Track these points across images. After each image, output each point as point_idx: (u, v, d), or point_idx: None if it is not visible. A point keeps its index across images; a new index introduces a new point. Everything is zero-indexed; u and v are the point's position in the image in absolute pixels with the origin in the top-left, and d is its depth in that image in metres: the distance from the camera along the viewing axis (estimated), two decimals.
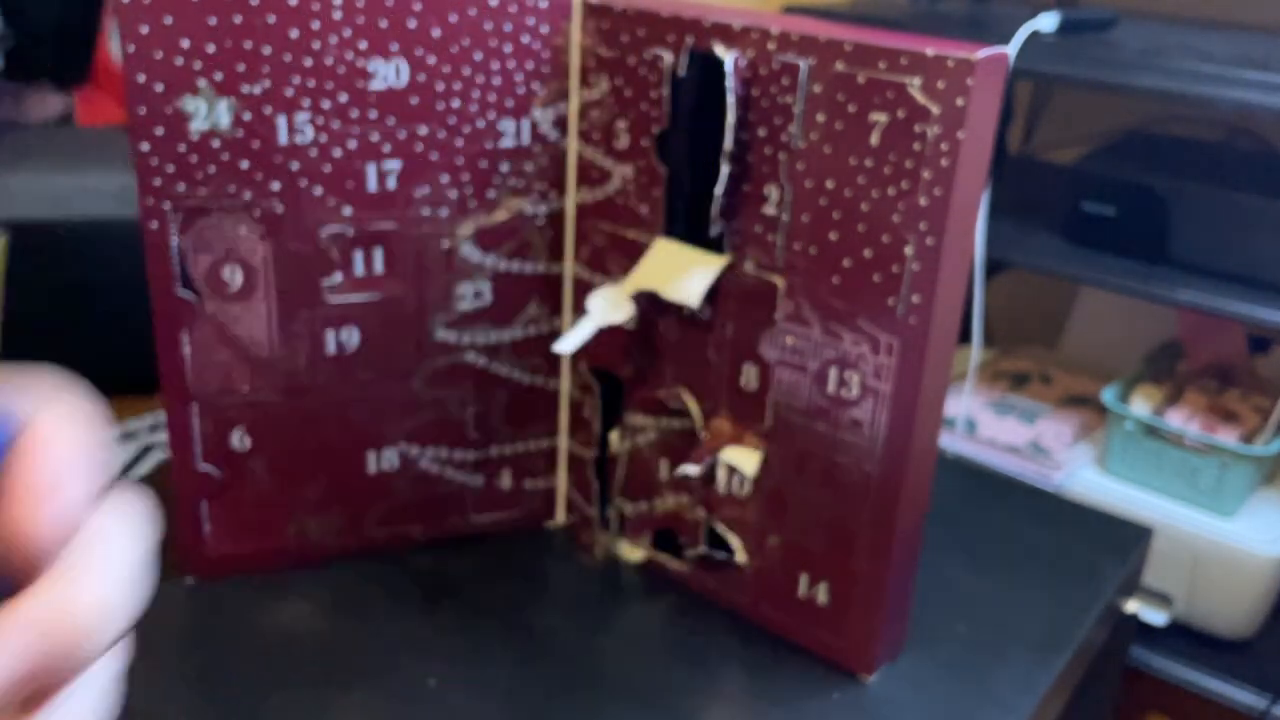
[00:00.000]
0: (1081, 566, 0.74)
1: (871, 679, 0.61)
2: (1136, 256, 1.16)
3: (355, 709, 0.58)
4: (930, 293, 0.52)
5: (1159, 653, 1.19)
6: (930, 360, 0.54)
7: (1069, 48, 1.13)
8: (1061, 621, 0.68)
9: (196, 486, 0.64)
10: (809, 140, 0.55)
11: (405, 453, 0.68)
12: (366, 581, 0.68)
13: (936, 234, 0.51)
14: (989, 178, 0.59)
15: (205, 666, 0.60)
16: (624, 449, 0.69)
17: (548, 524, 0.75)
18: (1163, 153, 1.30)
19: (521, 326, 0.68)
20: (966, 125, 0.49)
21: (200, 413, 0.62)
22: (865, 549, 0.58)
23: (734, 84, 0.56)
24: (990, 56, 0.49)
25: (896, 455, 0.56)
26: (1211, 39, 1.21)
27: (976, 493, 0.83)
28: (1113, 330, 1.50)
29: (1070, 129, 1.56)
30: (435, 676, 0.60)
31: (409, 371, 0.66)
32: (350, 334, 0.64)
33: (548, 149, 0.65)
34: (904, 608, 0.62)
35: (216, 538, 0.65)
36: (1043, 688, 0.62)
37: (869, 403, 0.56)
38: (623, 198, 0.64)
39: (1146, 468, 1.20)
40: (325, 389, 0.64)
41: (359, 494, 0.68)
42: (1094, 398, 1.37)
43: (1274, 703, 1.12)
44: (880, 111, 0.52)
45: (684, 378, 0.64)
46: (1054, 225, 1.24)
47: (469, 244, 0.65)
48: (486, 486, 0.71)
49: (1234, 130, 1.41)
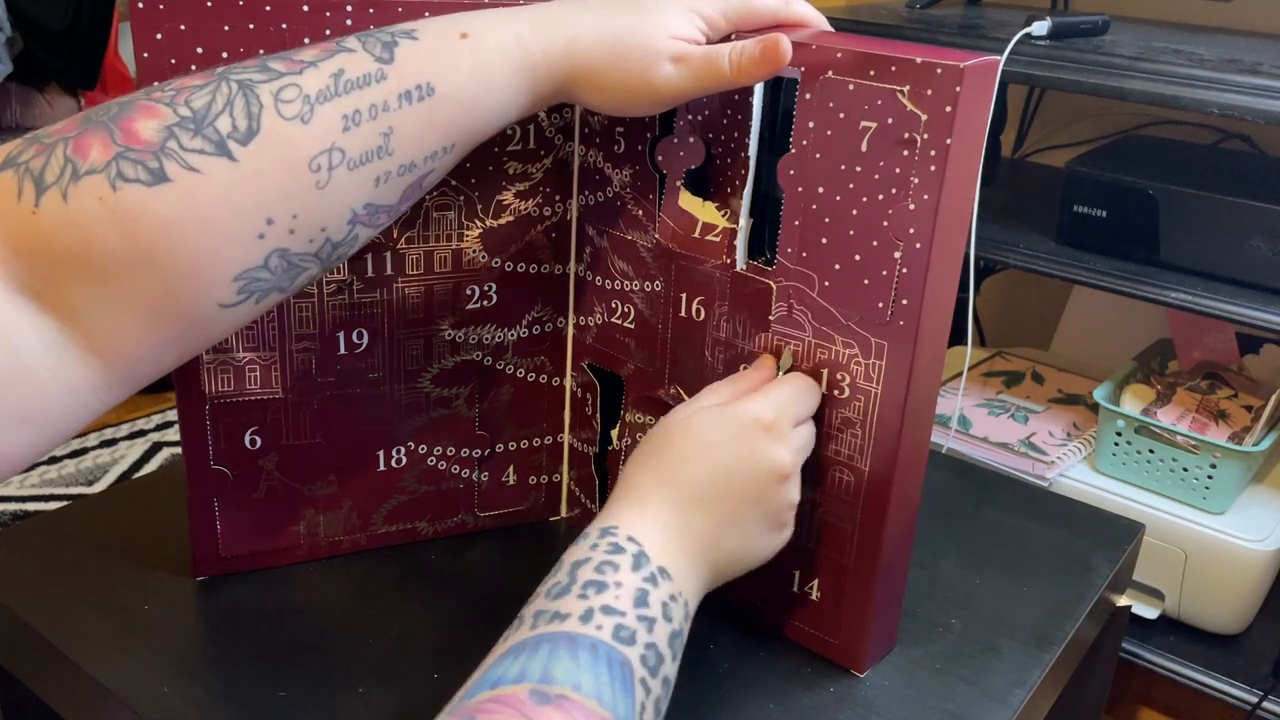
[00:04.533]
0: (1074, 562, 0.75)
1: (865, 672, 0.63)
2: (1128, 258, 1.18)
3: (363, 702, 0.59)
4: (919, 296, 0.54)
5: (1150, 648, 1.21)
6: (920, 362, 0.55)
7: (1061, 52, 1.14)
8: (1054, 616, 0.69)
9: (209, 485, 0.65)
10: (799, 146, 0.56)
11: (413, 450, 0.69)
12: (375, 577, 0.69)
13: (925, 239, 0.53)
14: (981, 181, 0.60)
15: (217, 662, 0.62)
16: (625, 446, 0.70)
17: (552, 518, 0.76)
18: (1153, 156, 1.31)
19: (526, 326, 0.70)
20: (955, 132, 0.51)
21: (212, 413, 0.64)
22: (856, 546, 0.60)
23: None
24: (979, 64, 0.51)
25: (886, 455, 0.57)
26: (1201, 43, 1.23)
27: (970, 490, 0.84)
28: (1104, 330, 1.51)
29: (1062, 132, 1.57)
30: (441, 669, 0.62)
31: (417, 371, 0.68)
32: (360, 334, 0.65)
33: (552, 153, 0.66)
34: (896, 604, 0.64)
35: (229, 535, 0.67)
36: (1035, 681, 0.63)
37: (860, 403, 0.57)
38: (621, 201, 0.65)
39: (1138, 466, 1.22)
40: (335, 389, 0.66)
41: (368, 491, 0.69)
42: (1086, 397, 1.39)
43: (1264, 698, 1.14)
44: (870, 119, 0.53)
45: (681, 377, 0.65)
46: (1046, 227, 1.25)
47: (476, 246, 0.66)
48: (492, 482, 0.73)
49: (1224, 134, 1.43)
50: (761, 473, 0.54)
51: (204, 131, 0.43)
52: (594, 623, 0.47)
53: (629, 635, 0.47)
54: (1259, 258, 1.10)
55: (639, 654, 0.47)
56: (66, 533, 0.72)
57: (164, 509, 0.74)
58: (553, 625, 0.47)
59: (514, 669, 0.45)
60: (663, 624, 0.49)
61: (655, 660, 0.47)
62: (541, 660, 0.45)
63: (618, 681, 0.45)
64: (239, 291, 0.44)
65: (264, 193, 0.43)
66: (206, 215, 0.42)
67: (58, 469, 1.73)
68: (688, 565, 0.52)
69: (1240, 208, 1.11)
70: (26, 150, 0.42)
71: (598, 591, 0.48)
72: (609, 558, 0.50)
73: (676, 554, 0.52)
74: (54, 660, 0.62)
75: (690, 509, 0.53)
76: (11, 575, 0.68)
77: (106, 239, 0.41)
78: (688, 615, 0.52)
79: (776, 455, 0.54)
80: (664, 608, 0.49)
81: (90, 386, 0.43)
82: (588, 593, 0.48)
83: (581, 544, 0.51)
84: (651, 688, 0.47)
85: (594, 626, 0.47)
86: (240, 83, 0.44)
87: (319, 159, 0.44)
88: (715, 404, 0.56)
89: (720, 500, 0.54)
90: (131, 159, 0.41)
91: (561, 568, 0.50)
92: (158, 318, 0.43)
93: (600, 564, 0.50)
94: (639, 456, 0.56)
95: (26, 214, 0.41)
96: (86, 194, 0.41)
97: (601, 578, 0.49)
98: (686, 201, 0.61)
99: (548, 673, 0.44)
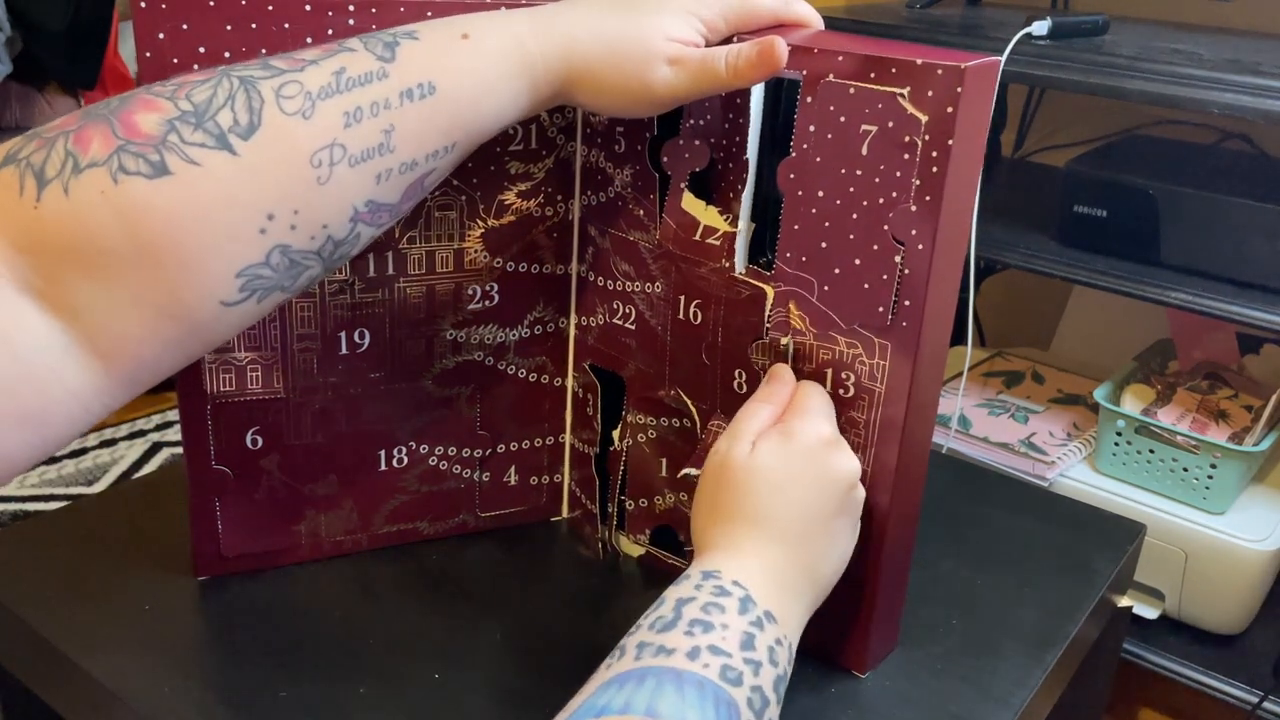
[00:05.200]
0: (1075, 563, 0.75)
1: (867, 673, 0.63)
2: (1128, 258, 1.18)
3: (365, 702, 0.59)
4: (921, 297, 0.54)
5: (1151, 648, 1.21)
6: (922, 362, 0.55)
7: (1061, 52, 1.14)
8: (1055, 617, 0.69)
9: (210, 485, 0.65)
10: (800, 150, 0.56)
11: (414, 450, 0.69)
12: (375, 577, 0.69)
13: (928, 240, 0.53)
14: (981, 181, 0.60)
15: (218, 662, 0.62)
16: (625, 447, 0.70)
17: (553, 519, 0.76)
18: (1154, 156, 1.31)
19: (528, 326, 0.70)
20: (956, 133, 0.51)
21: (214, 413, 0.64)
22: (857, 547, 0.60)
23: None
24: (979, 65, 0.51)
25: (888, 455, 0.57)
26: (1202, 43, 1.23)
27: (971, 490, 0.84)
28: (1105, 330, 1.51)
29: (1062, 132, 1.57)
30: (442, 669, 0.62)
31: (419, 371, 0.68)
32: (361, 334, 0.65)
33: (554, 153, 0.66)
34: (897, 605, 0.64)
35: (230, 535, 0.67)
36: (1036, 682, 0.63)
37: (864, 402, 0.57)
38: (622, 201, 0.65)
39: (1138, 466, 1.22)
40: (337, 389, 0.66)
41: (369, 491, 0.69)
42: (1086, 397, 1.39)
43: (1265, 698, 1.14)
44: (870, 122, 0.53)
45: (680, 379, 0.65)
46: (1047, 227, 1.25)
47: (478, 246, 0.66)
48: (493, 482, 0.73)
49: (1224, 133, 1.43)
50: (842, 486, 0.55)
51: (205, 125, 0.43)
52: (701, 660, 0.46)
53: (736, 676, 0.47)
54: (1259, 258, 1.10)
55: (745, 696, 0.46)
56: (66, 533, 0.72)
57: (164, 509, 0.74)
58: (659, 659, 0.46)
59: (619, 699, 0.44)
60: (769, 668, 0.48)
61: (761, 704, 0.47)
62: (648, 693, 0.44)
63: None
64: (241, 289, 0.44)
65: (265, 187, 0.43)
66: (207, 209, 0.42)
67: (58, 469, 1.73)
68: (793, 602, 0.53)
69: (1240, 208, 1.11)
70: (27, 146, 0.42)
71: (704, 631, 0.48)
72: (715, 599, 0.50)
73: (782, 594, 0.52)
74: (54, 660, 0.62)
75: (789, 546, 0.53)
76: (11, 575, 0.68)
77: (108, 232, 0.41)
78: (791, 659, 0.52)
79: (848, 465, 0.56)
80: (770, 652, 0.49)
81: (93, 390, 0.43)
82: (694, 630, 0.48)
83: (684, 584, 0.51)
84: None
85: (701, 664, 0.46)
86: (242, 79, 0.44)
87: (320, 154, 0.44)
88: (759, 431, 0.56)
89: (815, 528, 0.54)
90: (132, 152, 0.41)
91: (665, 603, 0.50)
92: (160, 316, 0.43)
93: (706, 604, 0.49)
94: (711, 509, 0.55)
95: (29, 209, 0.41)
96: (88, 187, 0.41)
97: (708, 618, 0.49)
98: (689, 204, 0.61)
99: (654, 706, 0.44)
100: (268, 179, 0.43)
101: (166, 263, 0.42)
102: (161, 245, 0.42)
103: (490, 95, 0.50)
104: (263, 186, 0.43)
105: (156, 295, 0.42)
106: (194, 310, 0.44)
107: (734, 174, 0.60)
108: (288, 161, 0.44)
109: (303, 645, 0.63)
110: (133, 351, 0.43)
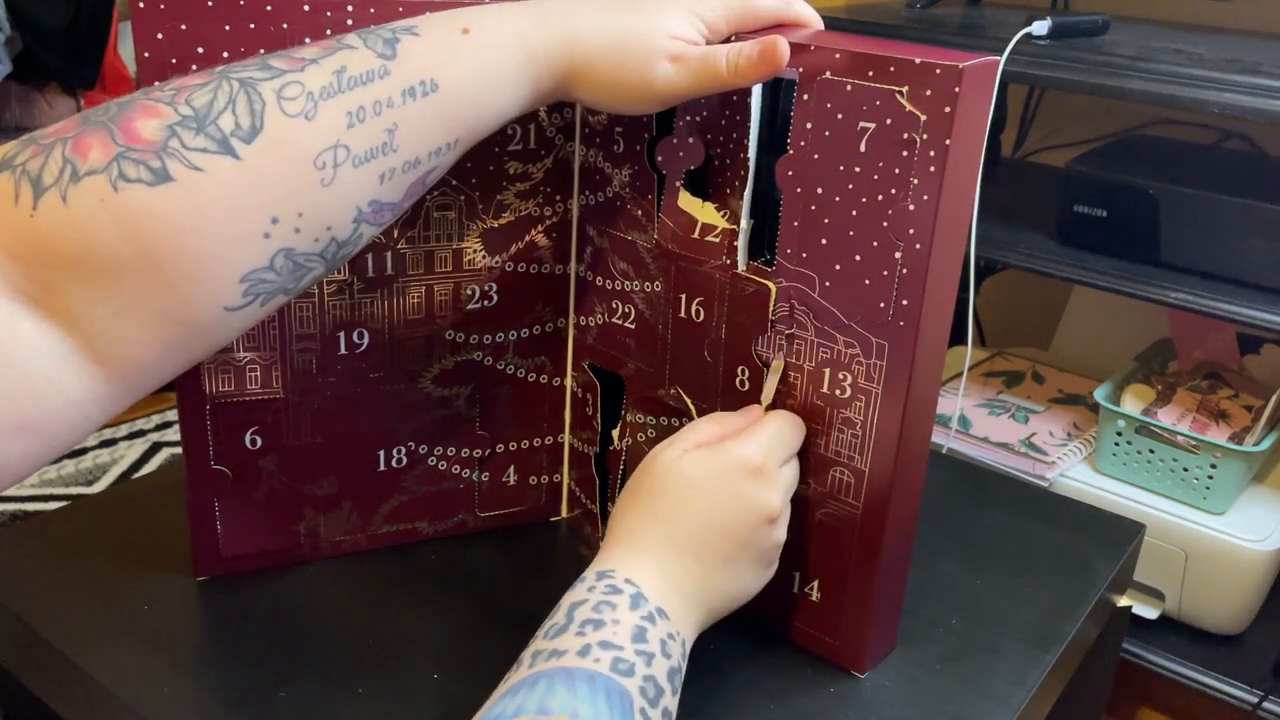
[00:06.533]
0: (1074, 562, 0.75)
1: (866, 673, 0.63)
2: (1128, 258, 1.18)
3: (363, 702, 0.59)
4: (920, 296, 0.54)
5: (1151, 648, 1.21)
6: (921, 361, 0.55)
7: (1061, 52, 1.14)
8: (1054, 616, 0.69)
9: (210, 485, 0.65)
10: (798, 147, 0.56)
11: (414, 450, 0.69)
12: (375, 577, 0.69)
13: (926, 239, 0.53)
14: (981, 181, 0.60)
15: (217, 662, 0.62)
16: (625, 446, 0.70)
17: (552, 519, 0.76)
18: (1154, 155, 1.31)
19: (527, 326, 0.70)
20: (954, 132, 0.51)
21: (213, 413, 0.64)
22: (856, 547, 0.60)
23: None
24: (978, 64, 0.50)
25: (887, 455, 0.57)
26: (1202, 43, 1.23)
27: (970, 490, 0.84)
28: (1104, 330, 1.51)
29: (1062, 132, 1.57)
30: (442, 669, 0.62)
31: (418, 371, 0.68)
32: (360, 335, 0.65)
33: (553, 153, 0.66)
34: (896, 605, 0.64)
35: (229, 535, 0.67)
36: (1035, 682, 0.63)
37: (860, 403, 0.57)
38: (621, 201, 0.65)
39: (1138, 466, 1.22)
40: (336, 389, 0.66)
41: (369, 491, 0.69)
42: (1086, 397, 1.39)
43: (1265, 698, 1.14)
44: (868, 120, 0.53)
45: (682, 378, 0.65)
46: (1047, 227, 1.25)
47: (477, 246, 0.66)
48: (493, 482, 0.73)
49: (1224, 133, 1.43)
50: (752, 516, 0.55)
51: (207, 130, 0.42)
52: (591, 656, 0.47)
53: (628, 668, 0.47)
54: (1259, 258, 1.10)
55: (638, 685, 0.47)
56: (66, 533, 0.72)
57: (164, 509, 0.74)
58: (550, 662, 0.47)
59: (511, 706, 0.45)
60: (661, 659, 0.49)
61: (655, 692, 0.48)
62: (539, 694, 0.45)
63: (616, 710, 0.45)
64: (245, 294, 0.44)
65: (269, 191, 0.43)
66: (211, 215, 0.42)
67: (57, 469, 1.73)
68: (684, 607, 0.53)
69: (1240, 208, 1.11)
70: (23, 152, 0.41)
71: (595, 629, 0.49)
72: (607, 598, 0.50)
73: (673, 596, 0.53)
74: (54, 660, 0.62)
75: (685, 553, 0.54)
76: (11, 575, 0.68)
77: (108, 241, 0.40)
78: (685, 654, 0.52)
79: (766, 498, 0.55)
80: (662, 644, 0.50)
81: (92, 397, 0.43)
82: (585, 630, 0.49)
83: (579, 587, 0.52)
84: (651, 718, 0.47)
85: (591, 660, 0.47)
86: (241, 81, 0.44)
87: (324, 156, 0.44)
88: (699, 442, 0.57)
89: (713, 544, 0.54)
90: (133, 159, 0.41)
91: (559, 609, 0.51)
92: (162, 323, 0.42)
93: (598, 604, 0.50)
94: (629, 501, 0.56)
95: (24, 217, 0.40)
96: (87, 195, 0.40)
97: (599, 616, 0.49)
98: (686, 202, 0.61)
99: (545, 704, 0.45)
100: (271, 182, 0.43)
101: (169, 270, 0.42)
102: (164, 253, 0.41)
103: (492, 89, 0.50)
104: (267, 190, 0.43)
105: (158, 302, 0.42)
106: (196, 316, 0.43)
107: (732, 171, 0.60)
108: (291, 164, 0.44)
109: (302, 645, 0.63)
110: (133, 358, 0.43)
